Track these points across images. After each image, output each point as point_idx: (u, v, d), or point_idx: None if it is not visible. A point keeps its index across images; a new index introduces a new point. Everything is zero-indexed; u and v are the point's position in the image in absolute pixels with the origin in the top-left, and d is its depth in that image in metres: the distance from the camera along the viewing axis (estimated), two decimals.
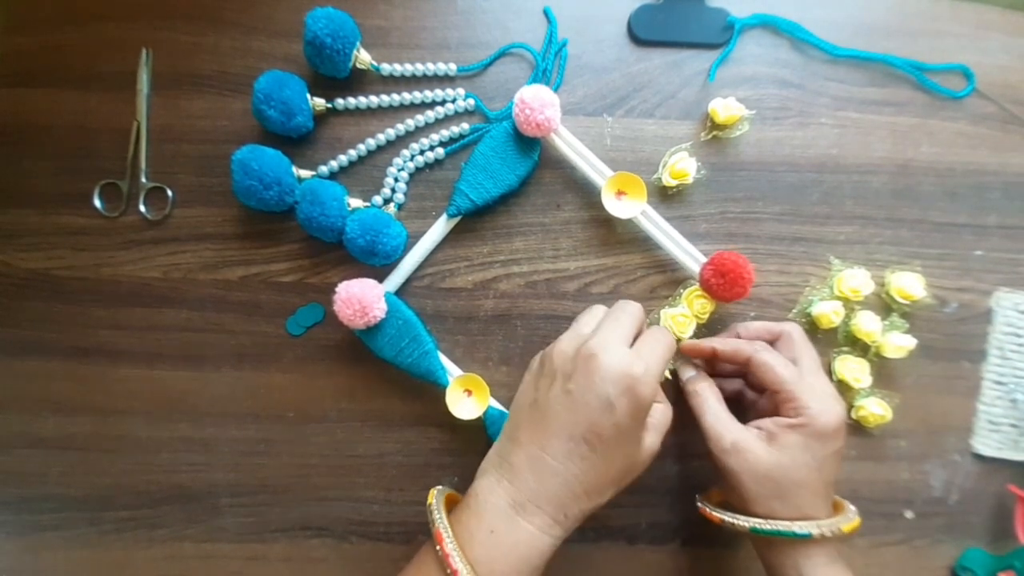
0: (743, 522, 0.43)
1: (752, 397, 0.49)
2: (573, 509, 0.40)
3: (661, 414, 0.44)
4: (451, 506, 0.42)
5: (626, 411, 0.39)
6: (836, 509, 0.44)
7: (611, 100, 0.52)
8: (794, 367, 0.44)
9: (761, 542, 0.44)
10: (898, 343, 0.49)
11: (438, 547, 0.38)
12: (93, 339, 0.51)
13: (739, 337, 0.48)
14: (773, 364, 0.44)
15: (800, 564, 0.41)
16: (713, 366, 0.50)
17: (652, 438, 0.42)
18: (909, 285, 0.50)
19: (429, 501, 0.41)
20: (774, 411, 0.44)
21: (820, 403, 0.42)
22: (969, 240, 0.53)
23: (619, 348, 0.40)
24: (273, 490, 0.51)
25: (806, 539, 0.41)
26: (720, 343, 0.47)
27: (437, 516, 0.40)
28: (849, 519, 0.42)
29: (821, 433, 0.42)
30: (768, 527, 0.41)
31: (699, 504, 0.47)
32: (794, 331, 0.46)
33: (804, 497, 0.42)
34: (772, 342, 0.47)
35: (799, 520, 0.41)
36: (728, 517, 0.44)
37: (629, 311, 0.43)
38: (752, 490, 0.42)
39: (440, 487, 0.44)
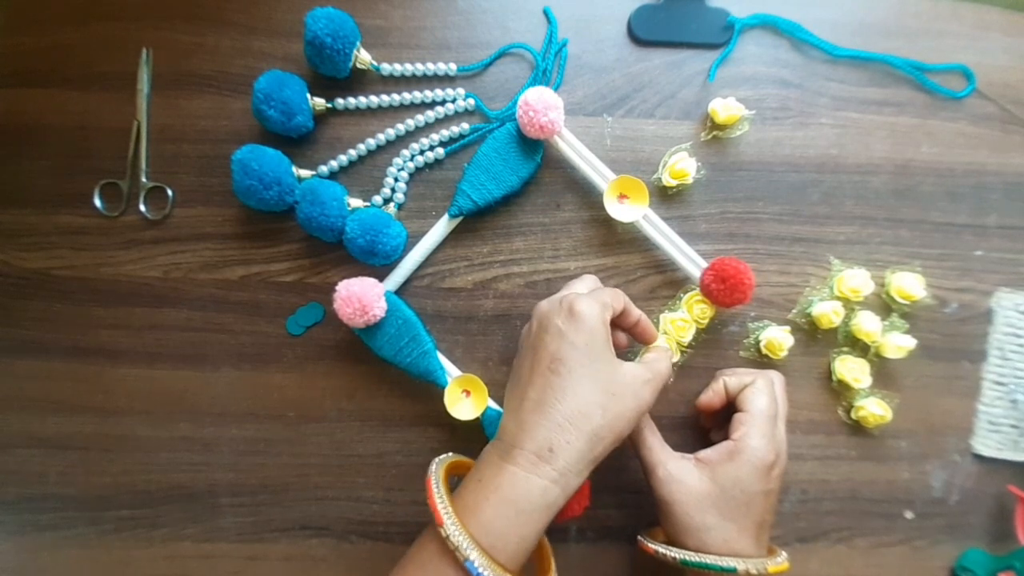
0: (674, 553, 0.43)
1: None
2: (558, 441, 0.38)
3: (654, 357, 0.44)
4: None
5: (574, 329, 0.40)
6: (769, 553, 0.43)
7: (611, 100, 0.52)
8: (775, 406, 0.45)
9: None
10: (898, 343, 0.49)
11: (428, 497, 0.39)
12: (93, 339, 0.51)
13: (724, 382, 0.48)
14: (763, 390, 0.45)
15: None
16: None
17: (637, 367, 0.42)
18: (909, 285, 0.50)
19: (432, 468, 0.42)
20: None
21: (763, 439, 0.43)
22: (969, 240, 0.53)
23: (562, 292, 0.43)
24: (273, 490, 0.51)
25: (731, 574, 0.41)
26: (730, 378, 0.47)
27: (433, 468, 0.41)
28: (777, 562, 0.42)
29: (753, 465, 0.42)
30: (695, 559, 0.41)
31: (639, 538, 0.46)
32: (777, 379, 0.47)
33: (731, 532, 0.42)
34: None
35: (729, 556, 0.41)
36: (661, 549, 0.44)
37: (588, 278, 0.46)
38: (683, 520, 0.42)
39: (448, 454, 0.45)
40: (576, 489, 0.39)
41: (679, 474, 0.43)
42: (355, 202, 0.50)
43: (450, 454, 0.45)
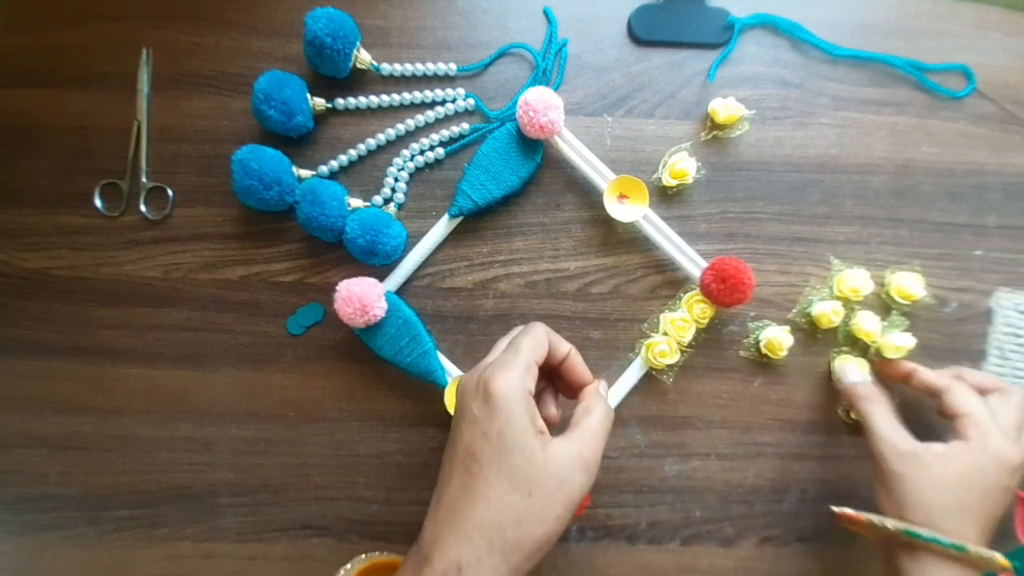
0: (897, 525, 0.42)
1: None
2: (468, 558, 0.34)
3: (583, 409, 0.39)
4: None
5: (487, 416, 0.35)
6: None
7: (611, 100, 0.52)
8: (987, 406, 0.44)
9: (901, 549, 0.43)
10: (898, 343, 0.49)
11: None
12: (93, 339, 0.51)
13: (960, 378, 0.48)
14: (966, 392, 0.45)
15: None
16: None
17: (564, 445, 0.36)
18: (909, 285, 0.50)
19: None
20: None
21: (1003, 438, 0.43)
22: (969, 240, 0.53)
23: (490, 354, 0.39)
24: (273, 490, 0.51)
25: (960, 552, 0.40)
26: (922, 369, 0.48)
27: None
28: (1001, 557, 0.41)
29: (997, 460, 0.42)
30: (926, 533, 0.41)
31: (836, 509, 0.46)
32: (1018, 394, 0.46)
33: (963, 518, 0.42)
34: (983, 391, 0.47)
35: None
36: (878, 519, 0.43)
37: (513, 337, 0.40)
38: (916, 497, 0.42)
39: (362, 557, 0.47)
40: None
41: (922, 454, 0.43)
42: (355, 202, 0.50)
43: (363, 557, 0.46)
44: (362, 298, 0.47)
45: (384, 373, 0.51)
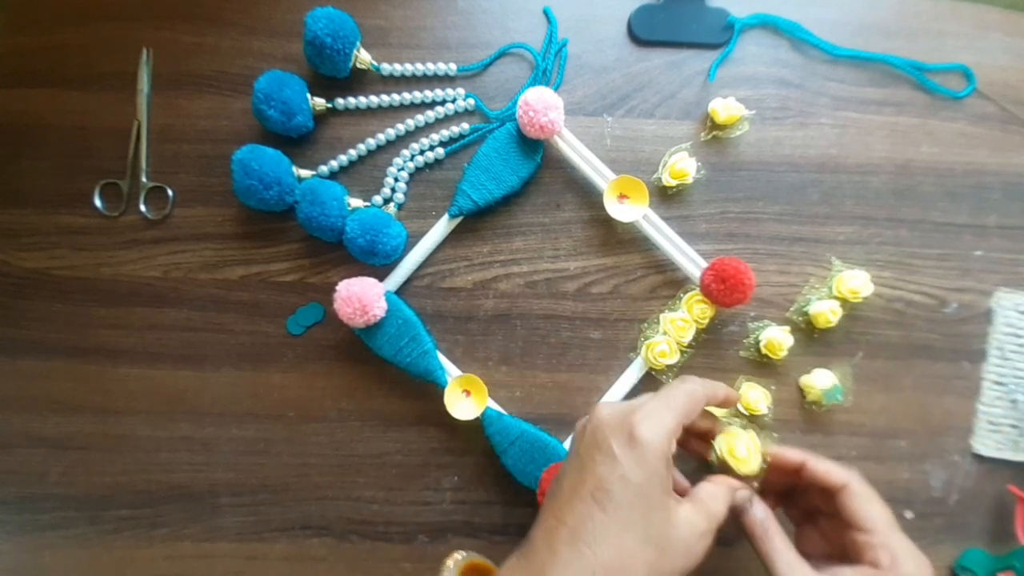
0: None
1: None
2: None
3: (708, 492, 0.38)
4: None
5: (631, 459, 0.35)
6: None
7: (611, 100, 0.52)
8: (890, 513, 0.39)
9: None
10: (741, 454, 0.42)
11: None
12: (93, 339, 0.51)
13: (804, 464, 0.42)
14: (869, 497, 0.39)
15: None
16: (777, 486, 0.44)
17: (693, 515, 0.36)
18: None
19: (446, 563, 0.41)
20: (837, 550, 0.39)
21: (914, 563, 0.37)
22: (969, 240, 0.53)
23: (618, 403, 0.38)
24: (273, 489, 0.51)
25: None
26: (815, 459, 0.41)
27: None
28: None
29: None
30: None
31: None
32: (857, 483, 0.40)
33: None
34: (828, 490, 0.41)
35: None
36: None
37: (676, 388, 0.39)
38: None
39: (463, 553, 0.45)
40: None
41: None
42: (355, 202, 0.50)
43: (463, 556, 0.45)
44: (362, 298, 0.47)
45: (384, 373, 0.51)
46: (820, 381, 0.50)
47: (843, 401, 0.50)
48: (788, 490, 0.44)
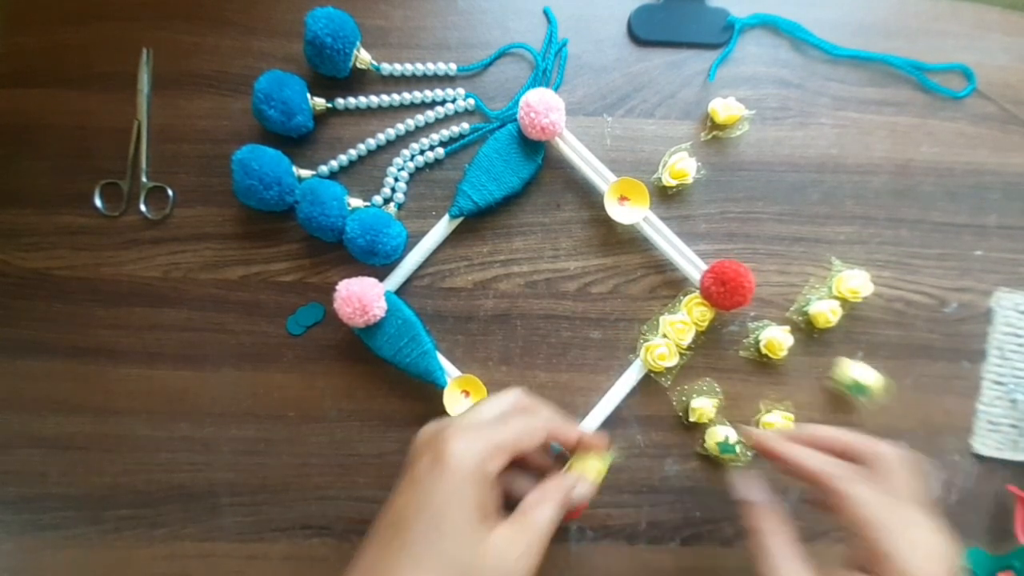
0: None
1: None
2: None
3: (531, 500, 0.33)
4: None
5: (432, 481, 0.30)
6: None
7: (611, 100, 0.52)
8: (887, 504, 0.34)
9: None
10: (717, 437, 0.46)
11: None
12: (93, 339, 0.51)
13: (814, 444, 0.38)
14: (860, 500, 0.34)
15: None
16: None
17: (509, 532, 0.32)
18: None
19: None
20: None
21: (914, 554, 0.32)
22: (969, 240, 0.53)
23: (447, 418, 0.35)
24: (273, 489, 0.51)
25: None
26: (799, 452, 0.37)
27: None
28: None
29: None
30: None
31: None
32: (892, 457, 0.36)
33: None
34: (856, 459, 0.37)
35: None
36: None
37: (508, 396, 0.36)
38: None
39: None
40: None
41: None
42: (355, 202, 0.50)
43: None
44: (361, 298, 0.47)
45: (384, 373, 0.51)
46: (860, 373, 0.49)
47: (864, 401, 0.50)
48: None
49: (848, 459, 0.37)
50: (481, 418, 0.35)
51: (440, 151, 0.51)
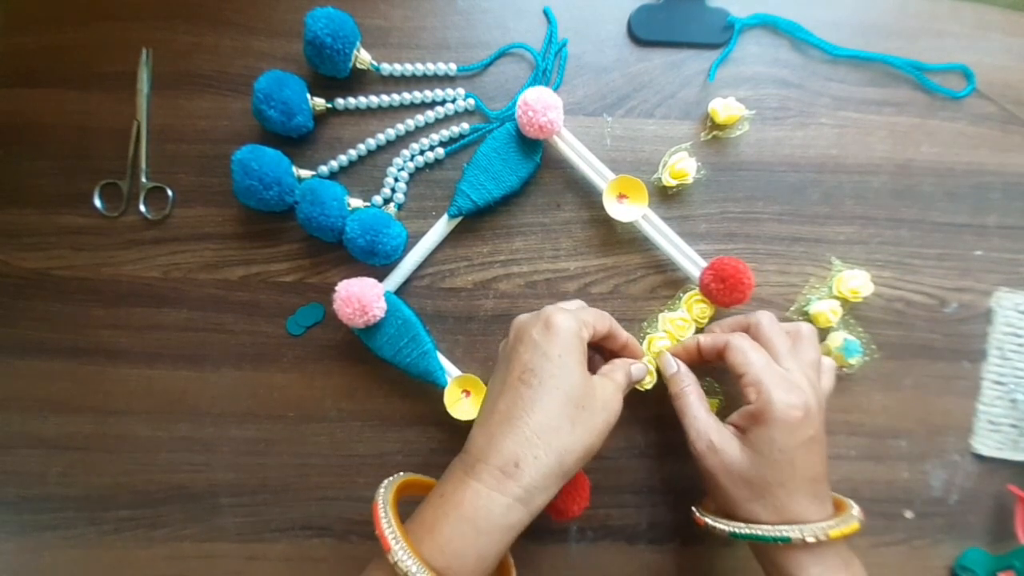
0: (723, 526, 0.42)
1: None
2: (526, 456, 0.37)
3: (608, 368, 0.44)
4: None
5: (547, 340, 0.40)
6: (837, 509, 0.42)
7: (611, 100, 0.52)
8: (764, 353, 0.43)
9: (754, 547, 0.43)
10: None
11: (375, 523, 0.38)
12: (93, 339, 0.51)
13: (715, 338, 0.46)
14: (741, 348, 0.43)
15: (792, 571, 0.40)
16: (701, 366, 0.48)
17: (601, 378, 0.42)
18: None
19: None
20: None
21: (782, 389, 0.40)
22: (969, 240, 0.53)
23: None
24: (273, 490, 0.51)
25: (785, 544, 0.39)
26: (703, 337, 0.46)
27: (381, 491, 0.40)
28: (843, 522, 0.40)
29: (783, 422, 0.40)
30: (745, 531, 0.40)
31: (693, 509, 0.46)
32: (763, 319, 0.45)
33: (782, 497, 0.40)
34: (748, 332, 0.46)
35: (784, 523, 0.39)
36: (710, 521, 0.43)
37: (574, 302, 0.47)
38: (731, 493, 0.41)
39: (399, 475, 0.44)
40: (542, 508, 0.38)
41: (721, 445, 0.41)
42: (355, 202, 0.50)
43: (401, 474, 0.44)
44: (361, 298, 0.47)
45: (384, 373, 0.51)
46: (833, 341, 0.50)
47: (864, 356, 0.51)
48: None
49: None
50: (566, 306, 0.44)
51: (440, 151, 0.51)
